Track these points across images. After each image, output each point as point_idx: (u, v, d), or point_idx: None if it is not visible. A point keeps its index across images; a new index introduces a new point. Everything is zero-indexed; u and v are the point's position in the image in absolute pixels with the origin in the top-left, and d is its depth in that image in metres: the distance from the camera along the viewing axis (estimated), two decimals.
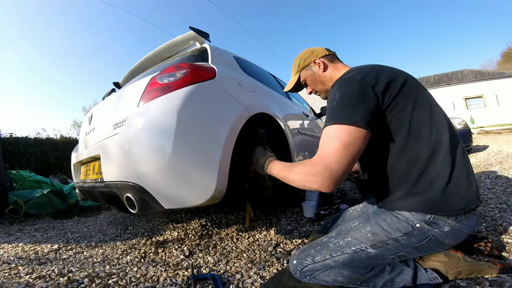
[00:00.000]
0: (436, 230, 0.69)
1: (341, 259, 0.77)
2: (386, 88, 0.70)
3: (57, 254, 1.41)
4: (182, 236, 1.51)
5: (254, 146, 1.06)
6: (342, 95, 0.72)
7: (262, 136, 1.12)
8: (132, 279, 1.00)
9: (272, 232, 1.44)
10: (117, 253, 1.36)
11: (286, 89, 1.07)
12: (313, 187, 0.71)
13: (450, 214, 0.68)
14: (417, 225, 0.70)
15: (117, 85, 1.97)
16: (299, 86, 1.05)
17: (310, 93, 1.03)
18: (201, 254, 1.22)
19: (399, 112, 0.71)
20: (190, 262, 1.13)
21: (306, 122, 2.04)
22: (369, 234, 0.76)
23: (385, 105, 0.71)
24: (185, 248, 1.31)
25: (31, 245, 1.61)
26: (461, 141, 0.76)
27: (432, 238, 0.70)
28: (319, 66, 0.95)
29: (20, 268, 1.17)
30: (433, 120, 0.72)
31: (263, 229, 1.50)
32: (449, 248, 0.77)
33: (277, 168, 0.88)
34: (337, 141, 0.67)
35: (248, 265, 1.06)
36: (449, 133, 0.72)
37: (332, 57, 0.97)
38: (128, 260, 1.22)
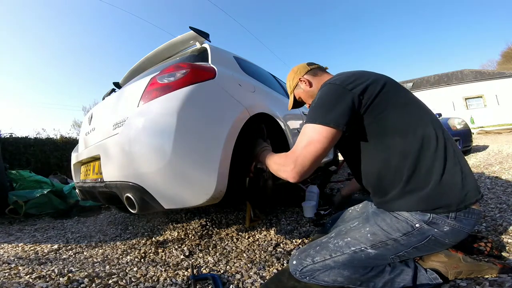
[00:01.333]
0: (435, 230, 0.69)
1: (340, 259, 0.77)
2: (364, 90, 0.74)
3: (57, 254, 1.41)
4: (182, 236, 1.51)
5: (256, 139, 1.12)
6: (320, 97, 0.78)
7: (262, 130, 1.18)
8: (132, 279, 1.00)
9: (272, 232, 1.44)
10: (117, 253, 1.35)
11: (289, 108, 1.14)
12: (282, 176, 0.82)
13: (450, 209, 0.68)
14: (417, 225, 0.70)
15: (117, 85, 1.97)
16: (298, 103, 1.12)
17: (309, 107, 1.06)
18: (201, 254, 1.22)
19: (380, 113, 0.73)
20: (190, 262, 1.13)
21: None
22: (369, 235, 0.76)
23: (364, 107, 0.74)
24: (185, 248, 1.31)
25: (31, 245, 1.61)
26: (451, 136, 0.78)
27: (432, 238, 0.70)
28: (305, 83, 1.01)
29: (20, 268, 1.17)
30: (417, 116, 0.75)
31: (263, 229, 1.50)
32: (449, 247, 0.77)
33: (265, 157, 0.98)
34: (306, 139, 0.75)
35: (248, 265, 1.06)
36: (434, 128, 0.74)
37: (314, 71, 1.02)
38: (128, 260, 1.22)
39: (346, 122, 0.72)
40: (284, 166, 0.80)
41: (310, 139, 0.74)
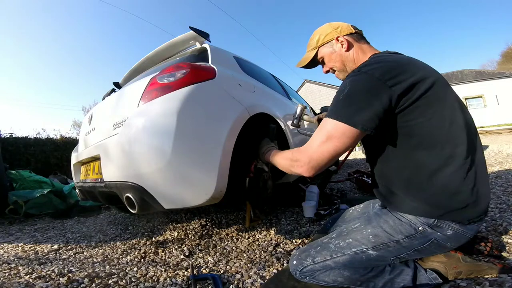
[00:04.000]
0: (439, 233, 0.69)
1: (341, 260, 0.77)
2: (408, 90, 0.64)
3: (57, 254, 1.41)
4: (182, 236, 1.51)
5: (262, 138, 1.11)
6: (351, 90, 0.67)
7: (272, 130, 1.18)
8: (132, 279, 1.00)
9: (272, 232, 1.44)
10: (117, 253, 1.35)
11: (299, 64, 0.96)
12: (295, 172, 0.77)
13: (455, 221, 0.68)
14: (420, 228, 0.69)
15: (117, 85, 1.97)
16: (314, 63, 0.95)
17: (327, 72, 0.93)
18: (201, 254, 1.22)
19: (414, 119, 0.66)
20: (190, 262, 1.13)
21: (306, 122, 2.04)
22: (371, 236, 0.75)
23: (400, 108, 0.65)
24: (185, 248, 1.31)
25: (31, 245, 1.61)
26: (482, 152, 0.71)
27: (434, 242, 0.70)
28: (342, 44, 0.85)
29: (20, 268, 1.17)
30: (451, 131, 0.67)
31: (263, 229, 1.50)
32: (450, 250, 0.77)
33: (271, 155, 0.96)
34: (325, 135, 0.69)
35: (248, 265, 1.06)
36: (467, 146, 0.67)
37: (358, 35, 0.86)
38: (128, 260, 1.22)
39: (376, 126, 0.65)
40: (297, 161, 0.75)
41: (330, 135, 0.67)
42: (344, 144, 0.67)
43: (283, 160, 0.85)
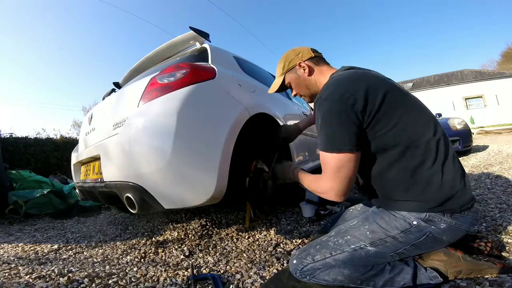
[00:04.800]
0: (433, 227, 0.71)
1: (341, 257, 0.77)
2: (365, 105, 0.70)
3: (57, 254, 1.41)
4: (182, 236, 1.51)
5: (273, 138, 1.14)
6: (323, 120, 0.74)
7: (279, 129, 1.22)
8: (132, 279, 1.00)
9: (272, 232, 1.44)
10: (117, 253, 1.36)
11: (270, 91, 1.03)
12: (329, 199, 0.79)
13: (446, 212, 0.70)
14: (414, 222, 0.71)
15: (117, 85, 1.97)
16: (283, 88, 1.02)
17: (295, 95, 1.01)
18: (201, 254, 1.22)
19: (382, 130, 0.72)
20: (190, 262, 1.13)
21: None
22: (368, 232, 0.77)
23: (365, 124, 0.72)
24: (185, 248, 1.31)
25: (31, 245, 1.61)
26: (450, 143, 0.77)
27: (430, 235, 0.71)
28: (304, 69, 0.92)
29: (20, 268, 1.17)
30: (418, 128, 0.72)
31: (263, 229, 1.50)
32: (448, 245, 0.78)
33: (298, 176, 0.99)
34: (329, 168, 0.75)
35: (248, 265, 1.06)
36: (435, 138, 0.73)
37: (317, 59, 0.93)
38: (128, 260, 1.23)
39: (358, 143, 0.71)
40: (325, 194, 0.79)
41: (337, 165, 0.73)
42: (352, 165, 0.72)
43: (313, 187, 0.87)
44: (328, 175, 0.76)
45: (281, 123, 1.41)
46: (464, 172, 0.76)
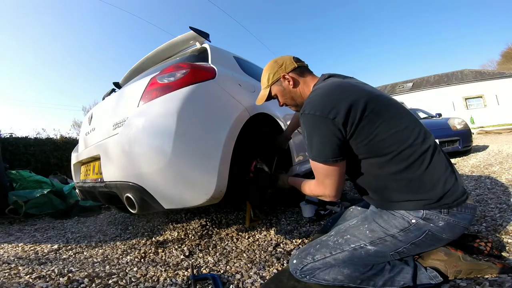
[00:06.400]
0: (431, 225, 0.71)
1: (341, 256, 0.77)
2: (347, 118, 0.72)
3: (57, 254, 1.41)
4: (182, 236, 1.51)
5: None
6: (308, 133, 0.77)
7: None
8: (132, 279, 1.00)
9: (272, 232, 1.44)
10: (117, 253, 1.35)
11: (258, 102, 1.03)
12: (324, 200, 0.87)
13: (442, 208, 0.71)
14: (413, 220, 0.72)
15: (117, 85, 1.98)
16: (270, 98, 1.02)
17: (282, 105, 1.01)
18: (201, 254, 1.22)
19: (365, 139, 0.73)
20: (190, 262, 1.13)
21: None
22: (367, 231, 0.77)
23: (348, 135, 0.74)
24: (185, 248, 1.31)
25: (31, 245, 1.61)
26: (435, 141, 0.78)
27: (429, 233, 0.72)
28: (289, 82, 0.92)
29: (20, 268, 1.17)
30: (402, 133, 0.73)
31: (263, 229, 1.50)
32: (449, 244, 0.78)
33: (295, 183, 1.02)
34: (319, 174, 0.80)
35: (248, 265, 1.06)
36: (419, 139, 0.73)
37: (301, 69, 0.93)
38: (128, 260, 1.22)
39: (342, 152, 0.75)
40: (321, 196, 0.85)
41: (324, 173, 0.78)
42: (338, 173, 0.77)
43: (309, 191, 0.91)
44: (318, 180, 0.82)
45: (281, 123, 1.41)
46: (453, 166, 0.78)
